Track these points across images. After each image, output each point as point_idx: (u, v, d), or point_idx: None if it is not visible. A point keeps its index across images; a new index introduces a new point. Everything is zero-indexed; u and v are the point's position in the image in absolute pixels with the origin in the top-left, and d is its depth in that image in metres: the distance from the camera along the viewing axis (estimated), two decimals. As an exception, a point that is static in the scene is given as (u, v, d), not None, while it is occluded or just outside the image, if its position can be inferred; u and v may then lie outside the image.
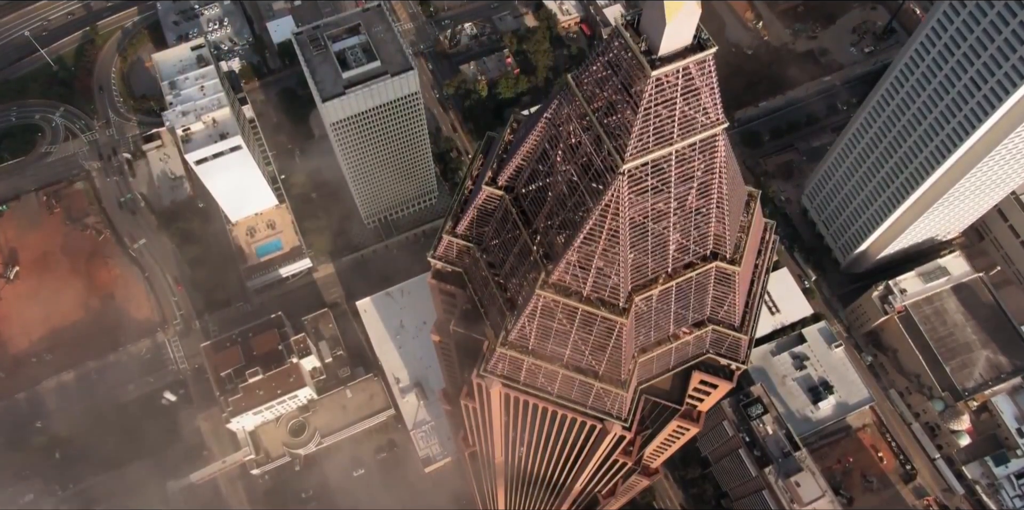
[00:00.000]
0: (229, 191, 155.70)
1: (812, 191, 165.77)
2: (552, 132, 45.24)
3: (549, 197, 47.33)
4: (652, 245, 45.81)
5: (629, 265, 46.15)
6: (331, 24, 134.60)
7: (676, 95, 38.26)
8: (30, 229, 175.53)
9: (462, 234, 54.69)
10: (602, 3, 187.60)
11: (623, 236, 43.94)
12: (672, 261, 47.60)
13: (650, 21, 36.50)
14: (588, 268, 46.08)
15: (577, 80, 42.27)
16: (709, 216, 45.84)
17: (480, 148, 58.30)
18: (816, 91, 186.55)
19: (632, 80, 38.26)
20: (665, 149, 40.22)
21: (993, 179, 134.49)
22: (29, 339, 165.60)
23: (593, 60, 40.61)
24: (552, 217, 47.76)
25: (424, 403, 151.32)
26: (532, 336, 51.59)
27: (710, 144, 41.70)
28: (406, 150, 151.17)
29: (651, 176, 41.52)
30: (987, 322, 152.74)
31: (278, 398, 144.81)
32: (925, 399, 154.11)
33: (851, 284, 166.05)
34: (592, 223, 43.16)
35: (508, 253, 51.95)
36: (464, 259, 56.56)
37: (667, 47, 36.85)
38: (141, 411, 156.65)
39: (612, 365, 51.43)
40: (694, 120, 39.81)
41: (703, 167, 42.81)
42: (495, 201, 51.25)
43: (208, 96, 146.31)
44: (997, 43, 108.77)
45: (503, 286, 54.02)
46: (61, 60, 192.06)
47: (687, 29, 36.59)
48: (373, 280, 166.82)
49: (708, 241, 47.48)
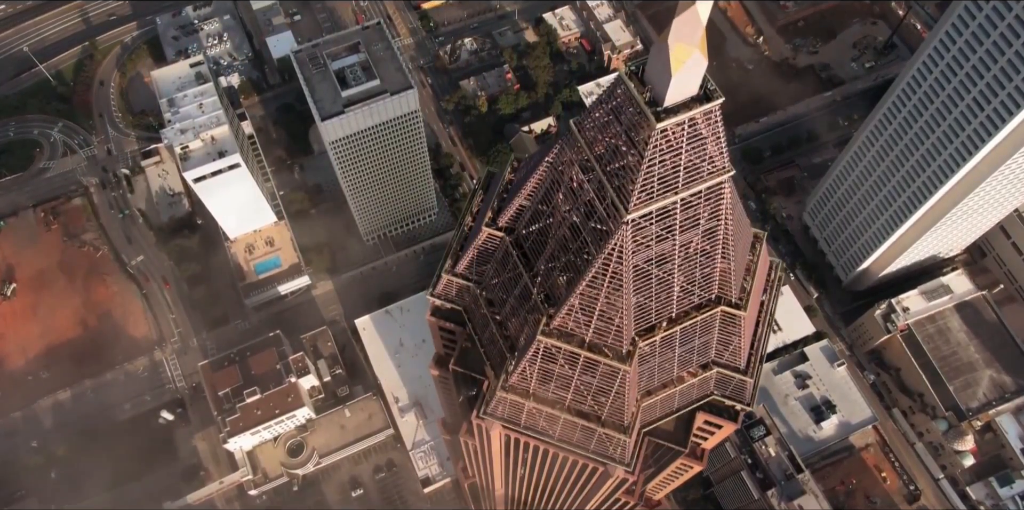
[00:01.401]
0: (228, 208, 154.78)
1: (814, 208, 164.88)
2: (553, 176, 44.35)
3: (550, 240, 46.37)
4: (656, 290, 44.85)
5: (632, 310, 45.17)
6: (330, 42, 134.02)
7: (682, 145, 37.37)
8: (27, 245, 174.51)
9: (462, 273, 53.70)
10: (602, 19, 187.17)
11: (626, 282, 42.98)
12: (677, 306, 46.60)
13: (655, 71, 35.61)
14: (591, 314, 45.08)
15: (579, 126, 41.38)
16: (714, 261, 44.89)
17: (480, 183, 57.36)
18: (817, 107, 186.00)
19: (636, 129, 37.40)
20: (669, 198, 39.31)
21: (997, 197, 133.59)
22: (25, 357, 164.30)
23: (596, 106, 39.73)
24: (554, 260, 46.81)
25: (423, 423, 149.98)
26: (533, 380, 50.55)
27: (716, 191, 40.80)
28: (406, 167, 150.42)
29: (655, 224, 40.60)
30: (990, 341, 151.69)
31: (276, 418, 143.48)
32: (928, 418, 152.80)
33: (853, 302, 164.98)
34: (595, 270, 42.20)
35: (509, 294, 50.99)
36: (464, 297, 55.55)
37: (673, 98, 35.97)
38: (138, 430, 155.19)
39: (615, 410, 50.35)
40: (699, 168, 38.92)
41: (708, 214, 41.88)
42: (495, 242, 50.28)
43: (207, 114, 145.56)
44: (1000, 64, 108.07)
45: (503, 326, 53.02)
46: (60, 75, 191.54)
47: (694, 80, 35.69)
48: (372, 297, 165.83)
49: (713, 285, 46.52)
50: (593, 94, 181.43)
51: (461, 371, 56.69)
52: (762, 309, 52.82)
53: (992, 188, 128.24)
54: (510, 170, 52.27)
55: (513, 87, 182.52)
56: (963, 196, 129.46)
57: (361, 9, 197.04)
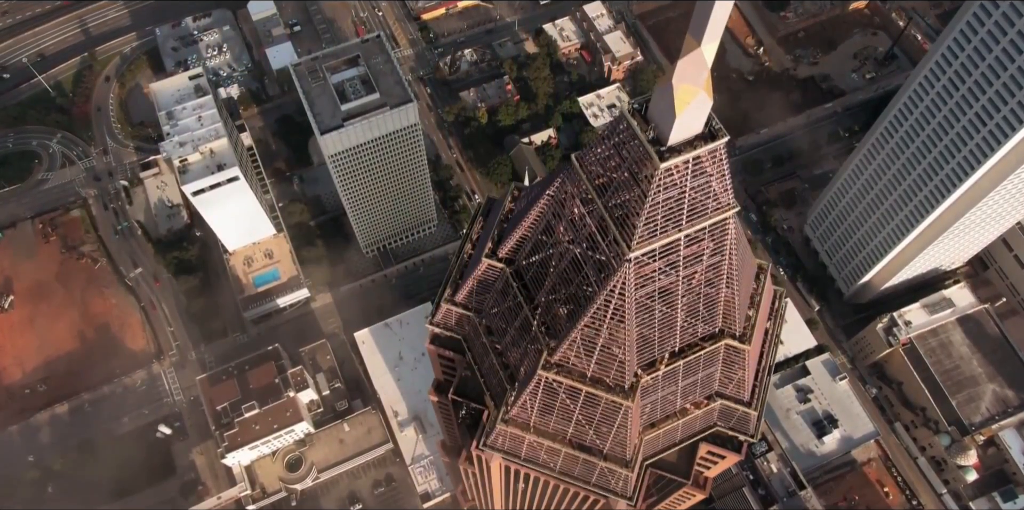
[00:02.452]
0: (226, 221, 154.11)
1: (815, 220, 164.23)
2: (555, 209, 43.66)
3: (552, 272, 45.66)
4: (659, 325, 44.13)
5: (635, 345, 44.42)
6: (330, 55, 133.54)
7: (686, 183, 36.71)
8: (25, 257, 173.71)
9: (461, 303, 52.94)
10: (602, 30, 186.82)
11: (629, 318, 42.25)
12: (680, 340, 45.85)
13: (659, 110, 34.94)
14: (592, 348, 44.35)
15: (581, 161, 40.71)
16: (718, 294, 44.17)
17: (480, 210, 56.66)
18: (818, 118, 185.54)
19: (639, 166, 36.71)
20: (673, 236, 38.60)
21: (1000, 211, 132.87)
22: (23, 370, 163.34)
23: (598, 142, 39.06)
24: (555, 292, 46.09)
25: (423, 437, 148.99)
26: (533, 413, 49.77)
27: (720, 227, 40.11)
28: (405, 180, 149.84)
29: (659, 260, 39.90)
30: (993, 354, 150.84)
31: (275, 433, 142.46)
32: (931, 433, 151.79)
33: (855, 314, 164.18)
34: (597, 305, 41.47)
35: (509, 324, 50.24)
36: (464, 326, 54.79)
37: (677, 137, 35.30)
38: (135, 445, 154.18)
39: (617, 444, 49.56)
40: (704, 205, 38.25)
41: (713, 249, 41.20)
42: (495, 273, 49.56)
43: (206, 126, 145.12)
44: (1003, 80, 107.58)
45: (503, 356, 52.26)
46: (59, 86, 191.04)
47: (698, 118, 35.02)
48: (372, 310, 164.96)
49: (717, 319, 45.80)
50: (593, 105, 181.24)
51: (461, 400, 55.79)
52: (766, 339, 52.06)
53: (995, 202, 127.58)
54: (510, 199, 51.53)
55: (513, 98, 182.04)
56: (966, 210, 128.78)
57: (361, 20, 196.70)
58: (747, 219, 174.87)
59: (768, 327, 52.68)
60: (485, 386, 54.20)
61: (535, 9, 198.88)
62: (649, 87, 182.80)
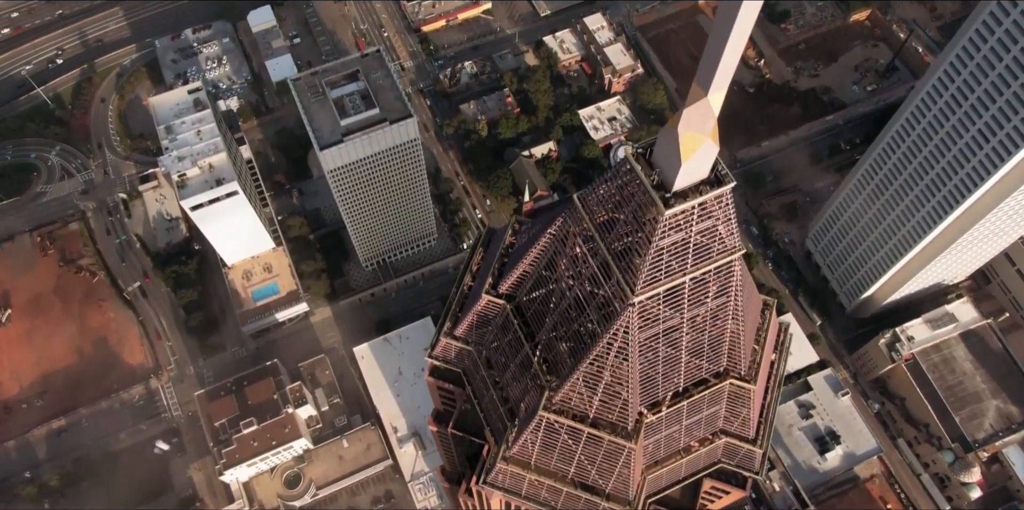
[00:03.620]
0: (225, 235, 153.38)
1: (817, 234, 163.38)
2: (556, 248, 42.85)
3: (553, 310, 44.82)
4: (663, 365, 43.28)
5: (638, 386, 43.57)
6: (329, 70, 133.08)
7: (691, 228, 35.94)
8: (23, 271, 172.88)
9: (461, 337, 52.08)
10: (603, 42, 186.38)
11: (632, 360, 41.44)
12: (684, 379, 44.99)
13: (663, 156, 34.18)
14: (595, 389, 43.51)
15: (583, 201, 39.92)
16: (723, 335, 43.35)
17: (480, 240, 55.88)
18: (819, 130, 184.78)
19: (643, 211, 35.94)
20: (678, 280, 37.79)
21: (1004, 226, 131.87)
22: (20, 384, 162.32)
23: (600, 184, 38.29)
24: (556, 329, 45.26)
25: (422, 453, 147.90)
26: (535, 451, 48.85)
27: (726, 269, 39.32)
28: (405, 195, 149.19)
29: (663, 302, 39.08)
30: (996, 370, 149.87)
31: (273, 450, 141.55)
32: (934, 449, 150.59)
33: (857, 329, 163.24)
34: (599, 348, 40.62)
35: (509, 360, 49.40)
36: (463, 361, 53.91)
37: (682, 183, 34.52)
38: (133, 460, 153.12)
39: (620, 484, 48.64)
40: (710, 248, 37.46)
41: (718, 290, 40.39)
42: (496, 309, 48.71)
43: (205, 141, 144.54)
44: (1006, 97, 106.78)
45: (503, 390, 51.38)
46: (58, 98, 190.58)
47: (704, 165, 34.25)
48: (371, 324, 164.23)
49: (722, 359, 44.98)
50: (594, 118, 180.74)
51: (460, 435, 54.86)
52: (771, 374, 51.17)
53: (999, 218, 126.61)
54: (511, 233, 50.71)
55: (513, 111, 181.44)
56: (970, 226, 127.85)
57: (361, 32, 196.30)
58: (748, 232, 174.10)
59: (773, 361, 51.79)
60: (485, 421, 53.31)
61: (535, 21, 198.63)
62: (649, 100, 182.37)
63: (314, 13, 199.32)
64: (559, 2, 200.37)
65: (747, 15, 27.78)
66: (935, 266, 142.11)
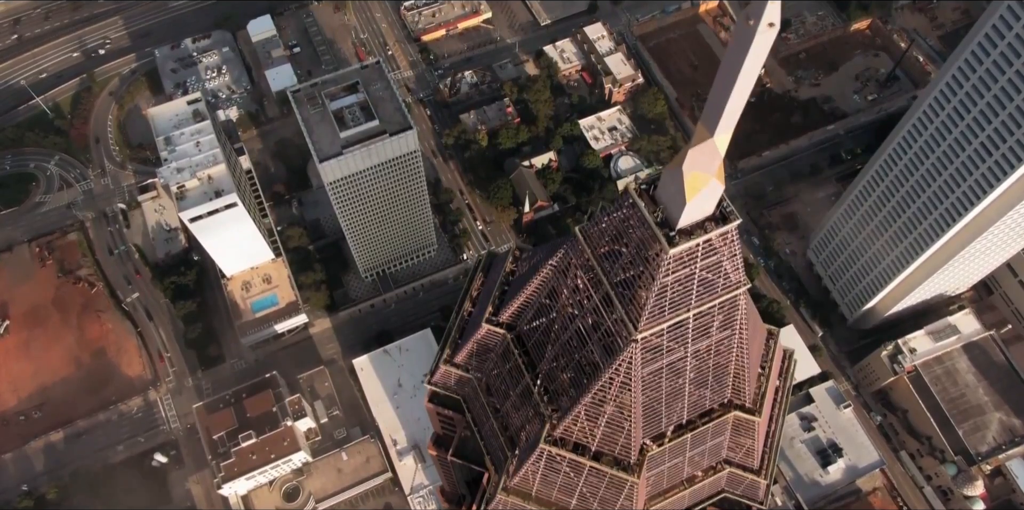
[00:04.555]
0: (224, 247, 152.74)
1: (818, 245, 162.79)
2: (558, 280, 42.23)
3: (554, 342, 44.18)
4: (667, 398, 42.62)
5: (641, 419, 42.89)
6: (329, 82, 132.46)
7: (696, 264, 35.30)
8: (21, 281, 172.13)
9: (461, 364, 51.42)
10: (603, 51, 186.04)
11: (635, 394, 40.79)
12: (688, 412, 44.30)
13: (668, 194, 33.56)
14: (597, 423, 42.81)
15: (586, 234, 39.30)
16: (727, 367, 42.69)
17: (480, 265, 55.23)
18: (819, 140, 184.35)
19: (647, 246, 35.32)
20: (682, 315, 37.14)
21: (1007, 239, 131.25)
22: (17, 396, 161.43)
23: (603, 217, 37.66)
24: (557, 360, 44.59)
25: (422, 466, 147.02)
26: (535, 483, 48.10)
27: (731, 303, 38.68)
28: (405, 206, 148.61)
29: (666, 338, 38.44)
30: (999, 382, 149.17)
31: (272, 463, 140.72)
32: (937, 462, 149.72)
33: (859, 340, 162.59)
34: (602, 382, 39.96)
35: (510, 388, 48.71)
36: (463, 388, 53.21)
37: (687, 221, 33.88)
38: (130, 473, 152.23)
39: (623, 516, 47.95)
40: (715, 284, 36.84)
41: (722, 324, 39.74)
42: (496, 338, 48.05)
43: (204, 152, 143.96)
44: (1009, 109, 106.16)
45: (504, 418, 50.65)
46: (57, 107, 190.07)
47: (710, 202, 33.62)
48: (371, 335, 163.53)
49: (726, 390, 44.33)
50: (594, 128, 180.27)
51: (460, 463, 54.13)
52: (776, 402, 50.46)
53: (1002, 230, 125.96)
54: (511, 260, 50.05)
55: (513, 121, 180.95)
56: (973, 238, 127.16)
57: (361, 42, 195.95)
58: (749, 243, 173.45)
59: (778, 390, 51.12)
60: (485, 449, 52.58)
61: (535, 30, 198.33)
62: (650, 110, 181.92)
63: (314, 22, 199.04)
64: (559, 11, 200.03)
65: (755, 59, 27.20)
66: (937, 278, 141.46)
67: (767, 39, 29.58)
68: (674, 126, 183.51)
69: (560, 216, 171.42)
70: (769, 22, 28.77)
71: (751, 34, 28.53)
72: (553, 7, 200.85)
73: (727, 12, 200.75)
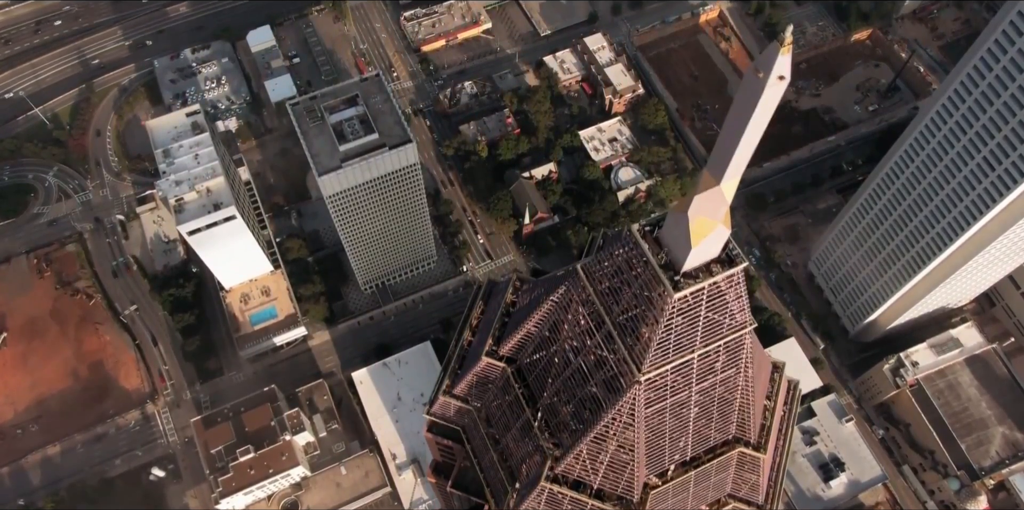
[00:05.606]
0: (223, 259, 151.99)
1: (819, 257, 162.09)
2: (559, 316, 41.49)
3: (555, 376, 43.44)
4: (671, 436, 41.87)
5: (644, 457, 42.11)
6: (328, 94, 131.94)
7: (701, 306, 34.56)
8: (19, 293, 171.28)
9: (460, 396, 50.65)
10: (603, 62, 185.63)
11: (638, 432, 40.00)
12: (692, 449, 43.53)
13: (672, 237, 32.88)
14: (599, 460, 42.03)
15: (587, 271, 38.59)
16: (732, 404, 41.95)
17: (480, 293, 54.50)
18: (820, 151, 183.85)
19: (650, 288, 34.62)
20: (686, 357, 36.43)
21: (1009, 253, 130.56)
22: (14, 409, 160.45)
23: (605, 256, 36.95)
24: (559, 395, 43.83)
25: (421, 481, 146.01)
26: (537, 519, 47.29)
27: (736, 343, 37.96)
28: (405, 219, 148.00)
29: (671, 378, 37.71)
30: (1002, 396, 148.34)
31: (270, 477, 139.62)
32: (940, 477, 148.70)
33: (861, 353, 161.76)
34: (604, 423, 39.20)
35: (510, 421, 47.90)
36: (463, 419, 52.42)
37: (692, 264, 33.19)
38: (128, 487, 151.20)
39: (625, 554, 47.11)
40: (720, 325, 36.11)
41: (727, 363, 39.00)
42: (496, 372, 47.29)
43: (202, 164, 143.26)
44: (1011, 125, 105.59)
45: (504, 451, 49.83)
46: (56, 118, 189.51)
47: (715, 246, 32.93)
48: (370, 347, 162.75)
49: (731, 427, 43.59)
50: (594, 139, 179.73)
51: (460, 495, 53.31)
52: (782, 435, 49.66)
53: (1005, 244, 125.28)
54: (512, 290, 49.32)
55: (513, 131, 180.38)
56: (976, 251, 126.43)
57: (361, 52, 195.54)
58: (750, 254, 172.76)
59: (784, 421, 50.35)
60: (485, 481, 51.75)
61: (535, 41, 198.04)
62: (650, 121, 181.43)
63: (314, 33, 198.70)
64: (559, 22, 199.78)
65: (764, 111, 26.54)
66: (939, 292, 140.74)
67: (777, 92, 29.06)
68: (674, 137, 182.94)
69: (560, 228, 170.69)
70: (779, 75, 28.22)
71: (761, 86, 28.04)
72: (553, 17, 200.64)
73: (727, 22, 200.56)
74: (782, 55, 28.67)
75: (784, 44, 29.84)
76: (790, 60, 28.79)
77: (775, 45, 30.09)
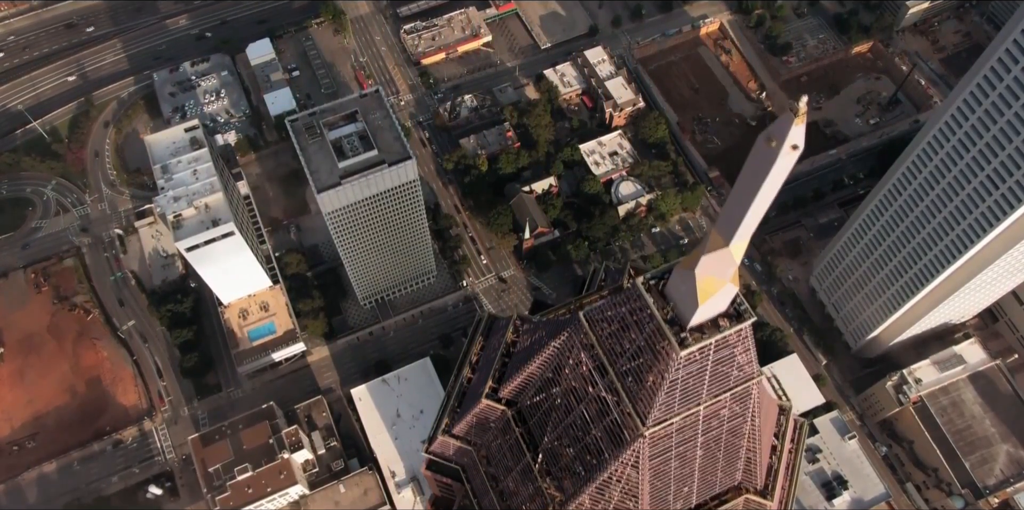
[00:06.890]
0: (221, 275, 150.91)
1: (821, 273, 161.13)
2: (560, 362, 40.57)
3: (557, 422, 42.49)
4: (676, 484, 40.90)
5: (648, 507, 41.12)
6: (327, 111, 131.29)
7: (707, 361, 33.66)
8: (16, 308, 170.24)
9: (460, 436, 49.67)
10: (604, 75, 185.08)
11: (642, 482, 39.05)
12: (698, 496, 42.56)
13: (679, 293, 32.01)
14: (601, 508, 41.03)
15: (590, 320, 37.68)
16: (739, 452, 41.00)
17: (480, 328, 53.57)
18: (821, 164, 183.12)
19: (655, 340, 33.71)
20: (692, 410, 35.49)
21: (1015, 268, 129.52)
22: (11, 425, 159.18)
23: (608, 306, 36.04)
24: (560, 440, 42.87)
25: (420, 499, 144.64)
26: (539, 565, 46.30)
27: (743, 393, 37.04)
28: (404, 234, 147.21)
29: (676, 429, 36.76)
30: (1006, 413, 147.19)
31: (268, 496, 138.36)
32: (944, 495, 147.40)
33: (863, 369, 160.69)
34: (607, 474, 38.24)
35: (510, 464, 46.91)
36: (463, 458, 51.42)
37: (699, 320, 32.28)
38: (125, 505, 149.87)
39: (629, 602, 46.06)
40: (727, 377, 35.20)
41: (734, 413, 38.06)
42: (496, 414, 46.34)
43: (201, 180, 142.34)
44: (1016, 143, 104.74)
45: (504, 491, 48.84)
46: (55, 131, 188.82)
47: (723, 302, 32.04)
48: (369, 363, 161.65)
49: (737, 474, 42.63)
50: (595, 152, 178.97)
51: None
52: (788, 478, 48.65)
53: (1010, 262, 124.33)
54: (512, 330, 48.38)
55: (514, 145, 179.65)
56: (980, 269, 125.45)
57: (360, 65, 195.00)
58: (751, 269, 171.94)
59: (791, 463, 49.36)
60: (486, 522, 50.72)
61: (536, 54, 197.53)
62: (651, 134, 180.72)
63: (313, 46, 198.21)
64: (560, 35, 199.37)
65: (775, 179, 25.69)
66: (942, 308, 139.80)
67: (789, 161, 28.07)
68: (675, 150, 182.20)
69: (560, 242, 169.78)
70: (793, 145, 27.33)
71: (773, 156, 27.12)
72: (553, 30, 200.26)
73: (728, 35, 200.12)
74: (796, 126, 27.74)
75: (798, 114, 28.85)
76: (804, 130, 27.82)
77: (788, 116, 29.26)
